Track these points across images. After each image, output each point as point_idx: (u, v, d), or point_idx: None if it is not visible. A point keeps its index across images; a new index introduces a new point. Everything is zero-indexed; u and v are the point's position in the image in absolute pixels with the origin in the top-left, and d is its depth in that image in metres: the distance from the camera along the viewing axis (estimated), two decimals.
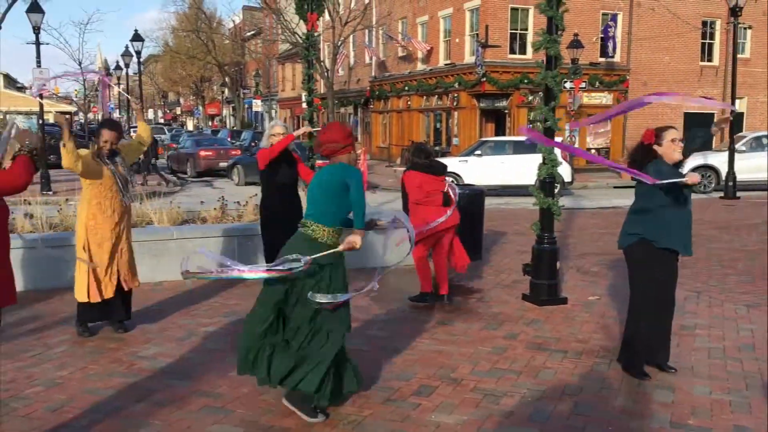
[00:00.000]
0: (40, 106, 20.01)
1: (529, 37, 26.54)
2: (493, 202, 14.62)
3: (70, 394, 4.47)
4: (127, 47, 30.29)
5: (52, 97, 42.19)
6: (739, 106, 24.94)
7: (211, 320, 6.22)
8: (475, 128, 28.09)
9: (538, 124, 6.78)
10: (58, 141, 29.36)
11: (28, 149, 3.40)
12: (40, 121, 20.27)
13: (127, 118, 36.21)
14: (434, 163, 6.88)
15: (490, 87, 26.61)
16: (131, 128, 32.95)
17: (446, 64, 29.74)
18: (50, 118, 26.66)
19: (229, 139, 32.42)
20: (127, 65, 31.69)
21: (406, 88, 32.75)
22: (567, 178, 17.82)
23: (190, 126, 69.58)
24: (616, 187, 22.04)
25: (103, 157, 5.47)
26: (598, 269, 8.48)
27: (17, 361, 5.03)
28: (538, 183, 6.94)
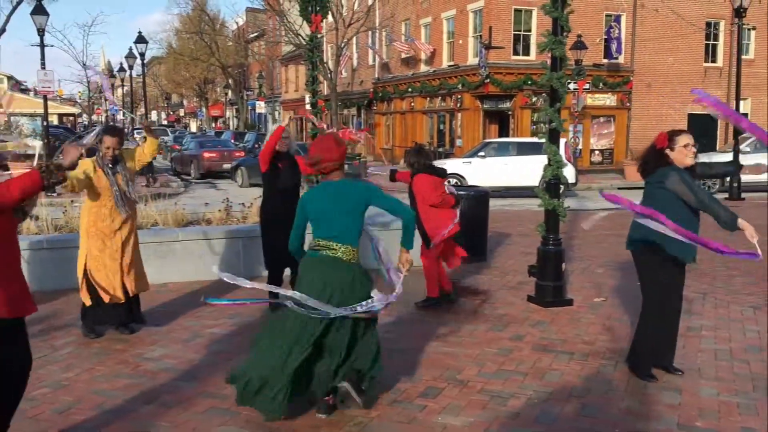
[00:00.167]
0: (45, 107, 20.07)
1: (533, 39, 26.54)
2: (497, 204, 14.61)
3: (76, 395, 4.48)
4: (131, 49, 30.32)
5: (56, 98, 42.29)
6: (743, 107, 24.86)
7: (216, 322, 6.22)
8: (478, 130, 28.08)
9: (542, 124, 6.78)
10: (62, 143, 29.34)
11: (44, 165, 3.27)
12: (45, 123, 20.32)
13: (131, 120, 36.27)
14: (435, 165, 6.97)
15: (494, 88, 26.60)
16: (135, 130, 32.99)
17: (449, 66, 29.74)
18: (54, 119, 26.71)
19: (232, 141, 32.45)
20: (131, 67, 31.66)
21: (410, 90, 32.76)
22: (571, 179, 17.78)
23: (194, 128, 69.65)
24: (620, 189, 22.02)
25: (106, 165, 5.49)
26: (603, 271, 8.46)
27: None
28: (543, 184, 6.94)
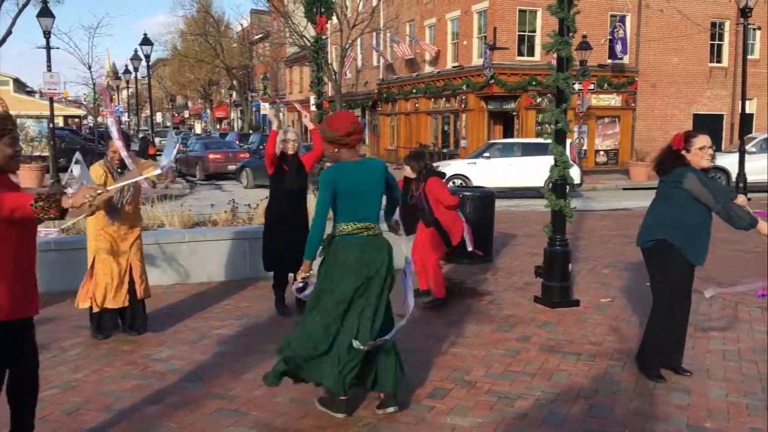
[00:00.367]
0: (51, 109, 20.13)
1: (537, 39, 26.52)
2: (502, 204, 14.59)
3: (85, 396, 4.49)
4: (136, 51, 30.42)
5: (62, 100, 42.41)
6: (748, 107, 24.76)
7: (222, 323, 6.23)
8: (483, 130, 28.07)
9: (548, 125, 6.78)
10: (68, 145, 29.39)
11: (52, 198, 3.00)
12: (51, 125, 20.40)
13: (137, 122, 36.46)
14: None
15: (498, 89, 26.59)
16: (139, 131, 33.09)
17: (454, 67, 29.74)
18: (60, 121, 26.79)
19: (237, 142, 32.50)
20: (136, 69, 31.81)
21: (414, 91, 32.76)
22: (576, 180, 17.78)
23: (198, 129, 69.79)
24: (625, 189, 21.99)
25: (116, 170, 5.52)
26: (610, 271, 8.45)
27: None
28: (550, 185, 6.93)
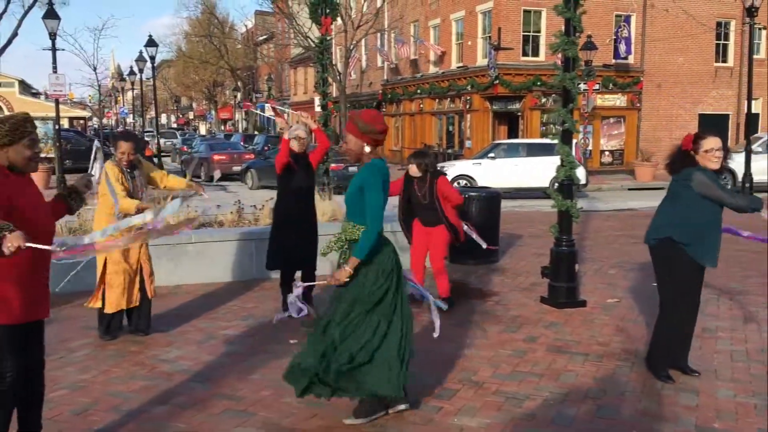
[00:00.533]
0: (56, 111, 20.18)
1: (542, 40, 26.50)
2: (507, 205, 14.57)
3: (93, 397, 4.50)
4: (141, 52, 30.50)
5: (67, 102, 42.54)
6: (754, 107, 24.67)
7: (229, 323, 6.24)
8: (487, 131, 28.05)
9: (552, 125, 6.78)
10: (74, 146, 29.41)
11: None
12: (56, 127, 20.44)
13: (142, 123, 36.54)
14: None
15: (503, 89, 26.57)
16: (145, 132, 33.15)
17: (458, 67, 29.73)
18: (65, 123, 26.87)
19: (242, 143, 32.54)
20: (141, 70, 31.86)
21: (419, 91, 32.76)
22: (581, 180, 17.75)
23: (203, 130, 69.91)
24: (630, 189, 21.94)
25: (127, 171, 5.54)
26: (616, 271, 8.43)
27: None
28: (556, 185, 6.92)
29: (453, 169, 18.31)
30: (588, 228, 11.99)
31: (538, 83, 26.14)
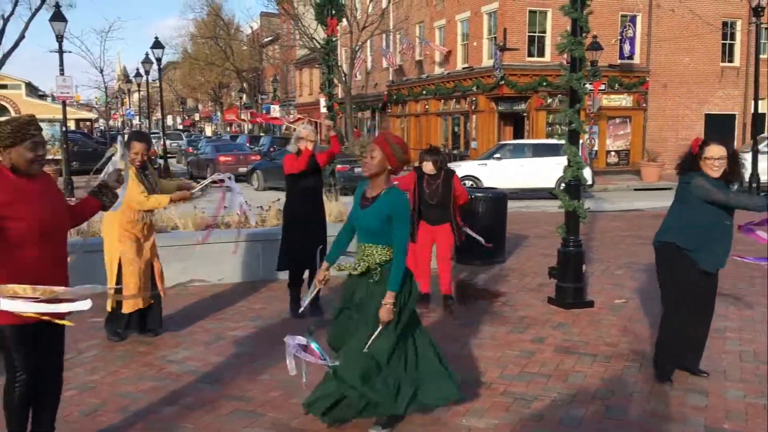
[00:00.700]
0: (63, 113, 20.27)
1: (548, 40, 26.45)
2: (513, 206, 14.55)
3: (103, 397, 4.52)
4: (147, 54, 30.59)
5: (73, 104, 42.71)
6: (761, 107, 24.52)
7: (237, 324, 6.25)
8: (493, 131, 28.01)
9: (558, 126, 6.78)
10: (81, 148, 29.50)
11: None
12: (64, 129, 20.52)
13: (148, 124, 36.63)
14: None
15: (509, 90, 26.53)
16: (151, 134, 33.28)
17: (464, 68, 29.70)
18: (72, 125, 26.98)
19: (248, 145, 32.59)
20: (147, 72, 31.99)
21: (424, 92, 32.74)
22: (587, 180, 17.74)
23: (209, 132, 70.07)
24: (636, 190, 21.89)
25: (138, 169, 5.57)
26: (623, 272, 8.42)
27: None
28: (563, 185, 6.92)
29: (459, 170, 18.15)
30: (594, 228, 11.97)
31: (544, 84, 26.09)
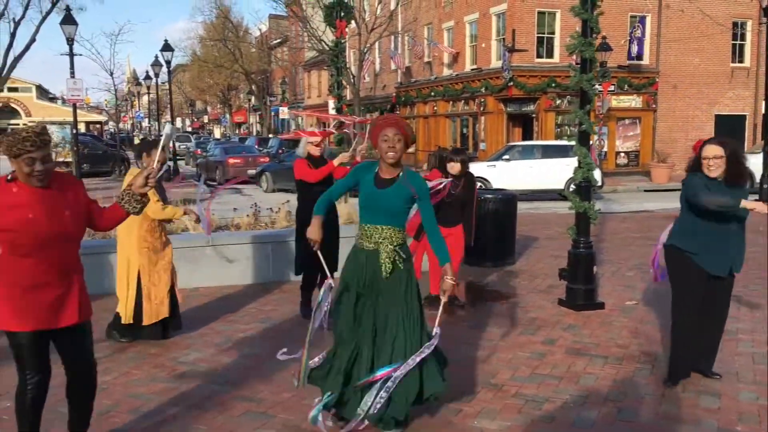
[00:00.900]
0: (74, 116, 20.39)
1: (556, 41, 26.39)
2: (523, 207, 14.52)
3: (115, 399, 4.54)
4: (156, 57, 30.74)
5: (83, 106, 42.95)
6: None
7: (248, 326, 6.27)
8: (502, 133, 27.97)
9: (567, 127, 6.77)
10: (91, 151, 29.60)
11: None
12: (74, 131, 20.64)
13: (157, 127, 36.82)
14: None
15: (517, 91, 26.49)
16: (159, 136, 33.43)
17: (473, 69, 29.67)
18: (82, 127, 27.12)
19: (257, 147, 32.65)
20: (157, 75, 32.15)
21: (433, 94, 32.73)
22: (597, 182, 17.68)
23: (218, 134, 70.31)
24: (646, 191, 21.79)
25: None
26: (634, 273, 8.38)
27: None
28: (574, 187, 6.90)
29: None
30: (604, 230, 11.93)
31: (553, 85, 26.03)
